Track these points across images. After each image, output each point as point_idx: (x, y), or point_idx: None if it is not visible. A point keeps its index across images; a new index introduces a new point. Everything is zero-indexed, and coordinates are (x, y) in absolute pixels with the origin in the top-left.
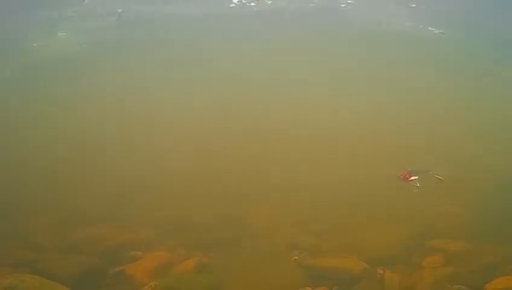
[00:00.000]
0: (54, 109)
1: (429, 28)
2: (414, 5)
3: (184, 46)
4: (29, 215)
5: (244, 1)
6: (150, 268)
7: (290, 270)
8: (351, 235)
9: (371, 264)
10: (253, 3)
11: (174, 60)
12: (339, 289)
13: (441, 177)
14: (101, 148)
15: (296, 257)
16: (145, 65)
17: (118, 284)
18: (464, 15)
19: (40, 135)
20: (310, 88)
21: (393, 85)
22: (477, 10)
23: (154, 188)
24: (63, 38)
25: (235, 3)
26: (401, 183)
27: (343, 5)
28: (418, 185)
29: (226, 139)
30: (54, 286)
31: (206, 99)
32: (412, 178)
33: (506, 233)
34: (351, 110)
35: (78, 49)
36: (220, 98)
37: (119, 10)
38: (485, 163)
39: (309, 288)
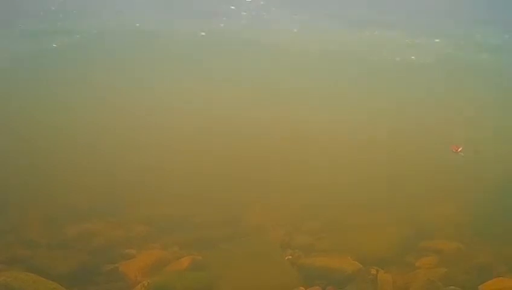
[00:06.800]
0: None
1: None
2: None
3: None
4: (22, 211)
5: None
6: (143, 266)
7: (284, 269)
8: (346, 235)
9: (364, 264)
10: None
11: None
12: (332, 288)
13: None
14: (95, 144)
15: (290, 257)
16: None
17: (111, 282)
18: None
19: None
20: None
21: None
22: None
23: (148, 185)
24: None
25: None
26: (452, 155)
27: None
28: (463, 155)
29: (221, 138)
30: (47, 284)
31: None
32: (459, 149)
33: (500, 233)
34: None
35: None
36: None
37: None
38: None
39: (302, 288)
